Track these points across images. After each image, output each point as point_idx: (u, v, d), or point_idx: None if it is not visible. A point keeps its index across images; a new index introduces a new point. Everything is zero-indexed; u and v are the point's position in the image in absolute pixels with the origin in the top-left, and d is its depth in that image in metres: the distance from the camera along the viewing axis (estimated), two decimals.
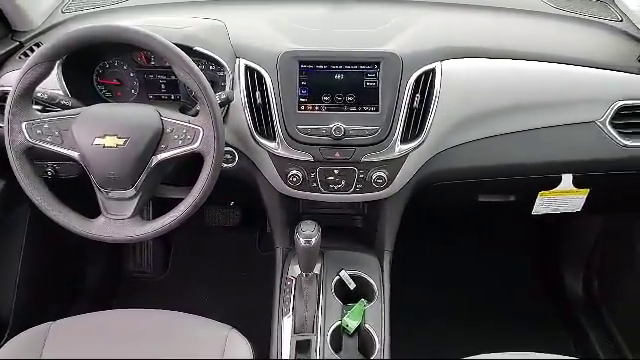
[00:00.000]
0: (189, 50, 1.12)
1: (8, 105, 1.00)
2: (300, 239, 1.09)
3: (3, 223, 1.44)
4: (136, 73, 1.29)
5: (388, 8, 1.40)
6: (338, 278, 1.27)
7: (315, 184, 1.22)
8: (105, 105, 1.10)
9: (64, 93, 1.19)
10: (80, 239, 1.07)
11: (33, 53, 1.00)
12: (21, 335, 1.11)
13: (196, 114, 1.05)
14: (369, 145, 1.17)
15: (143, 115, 1.03)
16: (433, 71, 1.16)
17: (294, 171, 1.20)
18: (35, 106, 1.06)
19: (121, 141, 1.00)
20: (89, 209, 1.09)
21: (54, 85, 1.17)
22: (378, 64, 1.15)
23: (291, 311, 1.21)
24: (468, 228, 2.09)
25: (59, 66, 1.17)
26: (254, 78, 1.17)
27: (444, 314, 1.81)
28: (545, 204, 1.39)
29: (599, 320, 1.70)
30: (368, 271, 1.30)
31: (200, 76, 1.00)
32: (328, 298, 1.23)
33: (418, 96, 1.15)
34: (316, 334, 1.16)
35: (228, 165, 1.25)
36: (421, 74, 1.15)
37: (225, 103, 1.13)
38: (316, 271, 1.25)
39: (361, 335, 1.19)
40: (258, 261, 2.00)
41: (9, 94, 1.01)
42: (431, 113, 1.16)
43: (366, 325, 1.18)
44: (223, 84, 1.21)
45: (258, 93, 1.16)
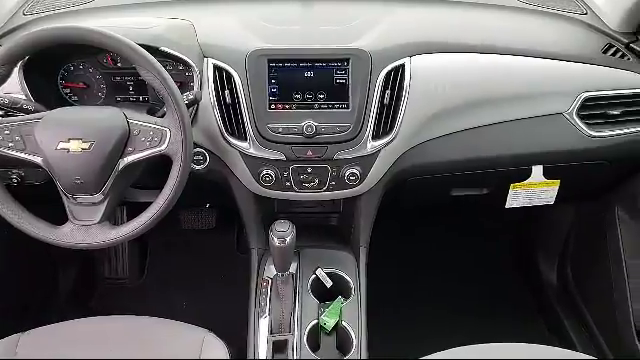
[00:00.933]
0: (155, 51, 1.10)
1: None
2: (274, 239, 1.08)
3: None
4: (103, 75, 1.26)
5: (357, 5, 1.40)
6: (315, 277, 1.26)
7: (288, 183, 1.22)
8: (69, 108, 1.07)
9: (27, 97, 1.16)
10: (49, 245, 1.04)
11: None
12: None
13: (164, 115, 1.04)
14: (341, 142, 1.17)
15: (108, 118, 1.01)
16: (402, 67, 1.17)
17: (267, 170, 1.19)
18: None
19: (86, 145, 0.97)
20: (59, 216, 1.06)
21: (16, 89, 1.14)
22: (347, 61, 1.15)
23: (267, 312, 1.20)
24: (445, 222, 2.11)
25: (20, 69, 1.13)
26: (223, 78, 1.16)
27: (422, 307, 1.82)
28: (518, 197, 1.41)
29: (573, 307, 1.74)
30: (344, 268, 1.30)
31: (166, 77, 0.99)
32: (305, 297, 1.22)
33: (388, 92, 1.16)
34: (293, 334, 1.15)
35: (199, 166, 1.23)
36: (391, 70, 1.16)
37: (193, 103, 1.11)
38: (292, 270, 1.25)
39: (339, 333, 1.19)
40: (236, 263, 1.98)
41: None
42: (402, 109, 1.17)
43: (343, 322, 1.18)
44: (192, 84, 1.20)
45: (227, 92, 1.15)
